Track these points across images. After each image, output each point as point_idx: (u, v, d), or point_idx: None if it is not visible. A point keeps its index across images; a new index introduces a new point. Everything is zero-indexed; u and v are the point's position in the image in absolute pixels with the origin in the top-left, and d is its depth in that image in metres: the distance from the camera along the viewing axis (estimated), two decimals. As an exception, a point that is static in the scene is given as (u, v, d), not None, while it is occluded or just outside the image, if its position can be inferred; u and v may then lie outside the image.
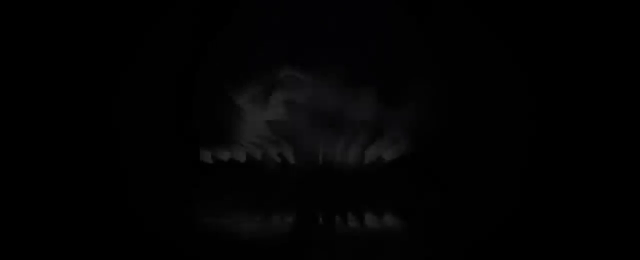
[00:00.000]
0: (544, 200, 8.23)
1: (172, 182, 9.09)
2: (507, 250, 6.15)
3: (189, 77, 9.33)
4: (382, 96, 9.33)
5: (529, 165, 8.80)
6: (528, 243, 6.32)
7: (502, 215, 7.72)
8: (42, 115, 8.77)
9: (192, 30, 9.35)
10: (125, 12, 9.09)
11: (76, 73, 8.88)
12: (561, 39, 8.98)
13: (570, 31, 8.94)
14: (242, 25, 9.51)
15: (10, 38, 8.65)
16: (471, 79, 9.23)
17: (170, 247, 6.21)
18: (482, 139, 9.13)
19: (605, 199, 8.03)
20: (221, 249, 6.20)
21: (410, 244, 6.57)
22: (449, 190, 8.85)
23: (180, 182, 9.15)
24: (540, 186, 8.57)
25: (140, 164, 9.04)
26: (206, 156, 9.42)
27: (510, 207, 8.05)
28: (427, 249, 6.30)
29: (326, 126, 9.29)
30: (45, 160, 8.61)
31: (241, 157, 9.40)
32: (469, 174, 8.99)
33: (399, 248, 6.32)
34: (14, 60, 8.63)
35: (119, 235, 6.55)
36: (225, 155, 9.42)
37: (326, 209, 8.16)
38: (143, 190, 8.77)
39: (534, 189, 8.57)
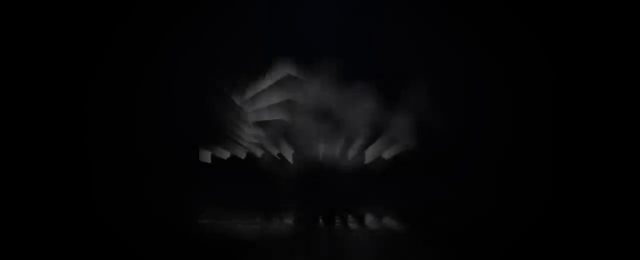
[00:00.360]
0: (545, 200, 8.21)
1: (172, 182, 9.07)
2: (507, 249, 6.13)
3: (188, 77, 9.31)
4: (382, 96, 9.31)
5: (531, 165, 8.78)
6: (528, 242, 6.29)
7: (502, 214, 7.70)
8: (45, 114, 8.77)
9: (191, 30, 9.33)
10: (125, 11, 9.08)
11: (71, 72, 8.87)
12: (562, 38, 8.95)
13: (571, 29, 8.91)
14: (241, 24, 9.49)
15: None
16: (472, 77, 9.21)
17: (169, 248, 6.19)
18: (483, 138, 9.11)
19: (610, 200, 8.01)
20: (220, 250, 6.18)
21: (411, 244, 6.54)
22: (449, 190, 8.83)
23: (180, 182, 9.13)
24: (541, 186, 8.54)
25: (140, 164, 9.02)
26: (206, 156, 9.40)
27: (511, 206, 8.03)
28: (428, 249, 6.27)
29: (326, 126, 9.27)
30: (40, 160, 8.60)
31: (241, 157, 9.38)
32: (470, 174, 8.97)
33: (399, 249, 6.29)
34: None
35: (119, 235, 6.53)
36: (225, 155, 9.40)
37: (326, 210, 8.14)
38: (143, 190, 8.75)
39: (534, 188, 8.54)
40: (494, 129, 9.04)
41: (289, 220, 7.65)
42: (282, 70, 9.42)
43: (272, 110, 9.46)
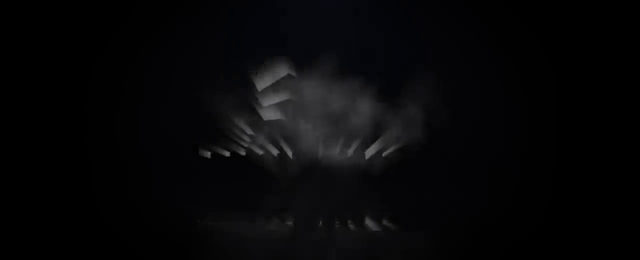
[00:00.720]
0: (546, 199, 8.21)
1: (172, 182, 9.07)
2: (506, 249, 6.13)
3: (188, 77, 9.31)
4: (382, 94, 9.30)
5: (530, 164, 8.78)
6: (527, 241, 6.30)
7: (502, 214, 7.70)
8: (49, 115, 8.78)
9: (191, 31, 9.34)
10: (128, 13, 9.10)
11: (70, 73, 8.89)
12: (560, 38, 8.96)
13: (569, 28, 8.92)
14: (241, 25, 9.49)
15: None
16: (472, 77, 9.21)
17: (170, 248, 6.19)
18: (483, 137, 9.11)
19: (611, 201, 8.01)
20: (221, 251, 6.18)
21: (410, 244, 6.55)
22: (448, 190, 8.83)
23: (180, 182, 9.13)
24: (540, 185, 8.54)
25: (140, 164, 9.03)
26: (206, 156, 9.40)
27: (510, 206, 8.04)
28: (427, 249, 6.28)
29: (326, 126, 9.27)
30: (41, 160, 8.62)
31: (241, 157, 9.38)
32: (470, 173, 8.97)
33: (399, 248, 6.29)
34: None
35: (119, 235, 6.54)
36: (225, 155, 9.40)
37: (326, 210, 8.14)
38: (143, 191, 8.76)
39: (533, 187, 8.54)
40: (496, 129, 9.05)
41: (289, 221, 7.66)
42: (282, 69, 9.43)
43: (274, 111, 9.47)
